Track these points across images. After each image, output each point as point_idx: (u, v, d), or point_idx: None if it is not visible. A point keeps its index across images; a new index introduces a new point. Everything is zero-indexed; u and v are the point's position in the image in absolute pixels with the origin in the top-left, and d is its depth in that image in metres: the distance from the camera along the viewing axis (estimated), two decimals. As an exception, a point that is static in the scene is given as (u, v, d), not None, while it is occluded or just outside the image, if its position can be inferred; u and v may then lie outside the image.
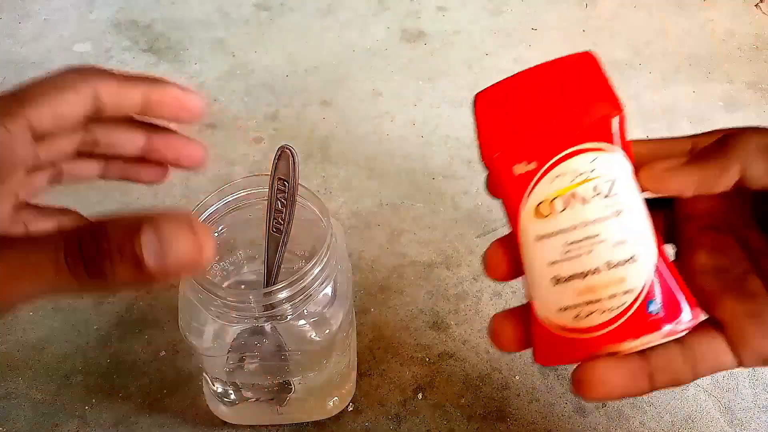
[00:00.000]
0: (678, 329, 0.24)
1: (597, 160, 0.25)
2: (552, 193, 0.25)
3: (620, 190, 0.25)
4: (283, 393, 0.40)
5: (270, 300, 0.33)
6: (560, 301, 0.25)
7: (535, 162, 0.26)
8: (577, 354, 0.25)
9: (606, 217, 0.25)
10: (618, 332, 0.24)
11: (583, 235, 0.25)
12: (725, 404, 0.43)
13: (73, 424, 0.42)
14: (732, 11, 0.71)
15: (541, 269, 0.26)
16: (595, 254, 0.25)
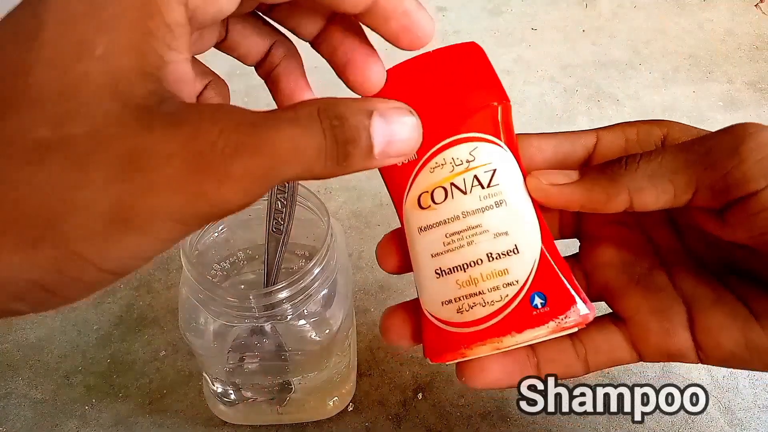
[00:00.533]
0: (566, 325, 0.24)
1: (477, 150, 0.25)
2: (432, 184, 0.25)
3: (502, 180, 0.25)
4: (283, 393, 0.40)
5: (270, 300, 0.33)
6: (443, 294, 0.25)
7: (414, 153, 0.25)
8: (465, 347, 0.24)
9: (486, 207, 0.24)
10: (500, 326, 0.24)
11: (463, 227, 0.25)
12: (725, 404, 0.43)
13: (72, 423, 0.42)
14: (732, 11, 0.71)
15: (424, 262, 0.25)
16: (476, 246, 0.24)
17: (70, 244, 0.17)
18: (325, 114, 0.19)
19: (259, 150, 0.18)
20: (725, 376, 0.44)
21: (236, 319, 0.34)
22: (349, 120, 0.19)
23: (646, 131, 0.26)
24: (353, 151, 0.20)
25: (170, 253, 0.50)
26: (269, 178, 0.18)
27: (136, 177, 0.17)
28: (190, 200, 0.17)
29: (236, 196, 0.18)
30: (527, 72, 0.65)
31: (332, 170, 0.20)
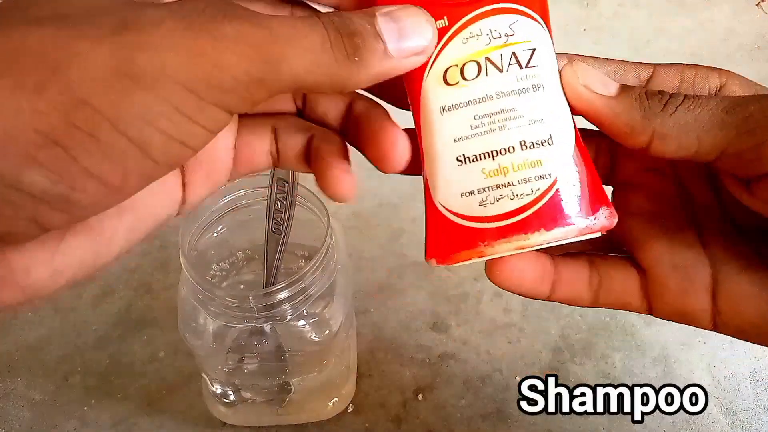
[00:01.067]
0: (594, 227, 0.22)
1: (517, 24, 0.22)
2: (464, 57, 0.22)
3: (540, 62, 0.22)
4: (283, 394, 0.40)
5: (269, 300, 0.32)
6: (464, 185, 0.22)
7: (445, 18, 0.22)
8: (485, 244, 0.22)
9: (523, 89, 0.22)
10: (529, 222, 0.22)
11: (495, 108, 0.22)
12: (726, 405, 0.43)
13: (72, 424, 0.42)
14: (733, 10, 0.71)
15: (444, 146, 0.23)
16: (509, 131, 0.22)
17: (76, 89, 0.16)
18: (324, 16, 0.19)
19: (251, 20, 0.18)
20: (726, 377, 0.44)
21: (235, 319, 0.34)
22: (351, 18, 0.19)
23: (704, 75, 0.24)
24: (363, 45, 0.19)
25: (169, 253, 0.50)
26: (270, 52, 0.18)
27: (130, 34, 0.16)
28: (189, 58, 0.17)
29: (235, 57, 0.17)
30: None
31: (345, 66, 0.19)
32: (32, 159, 0.16)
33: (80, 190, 0.17)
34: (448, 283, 0.49)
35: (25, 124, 0.15)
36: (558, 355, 0.45)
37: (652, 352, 0.45)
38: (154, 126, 0.17)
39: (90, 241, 0.20)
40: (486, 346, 0.45)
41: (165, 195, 0.22)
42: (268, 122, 0.24)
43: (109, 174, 0.17)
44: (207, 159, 0.23)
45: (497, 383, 0.44)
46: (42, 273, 0.19)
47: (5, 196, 0.16)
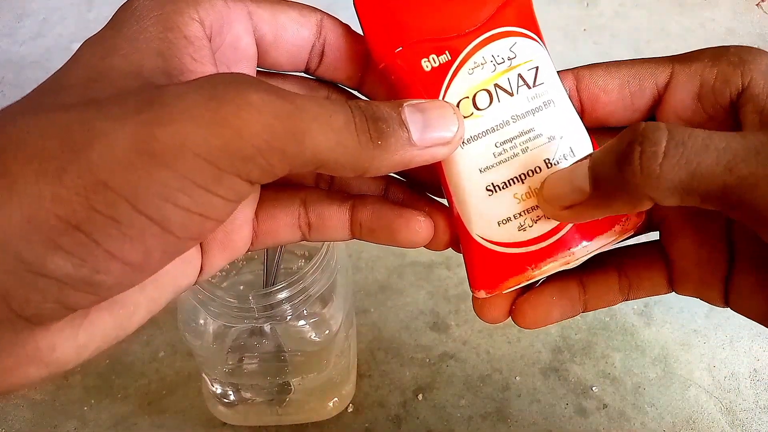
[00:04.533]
0: (627, 227, 0.22)
1: (517, 46, 0.22)
2: (473, 88, 0.22)
3: (545, 78, 0.22)
4: (283, 394, 0.40)
5: (269, 300, 0.33)
6: (499, 213, 0.22)
7: (447, 53, 0.22)
8: (531, 267, 0.22)
9: (536, 109, 0.22)
10: (570, 237, 0.22)
11: (514, 132, 0.22)
12: (726, 405, 0.43)
13: (71, 424, 0.42)
14: (733, 10, 0.71)
15: (471, 179, 0.22)
16: (532, 152, 0.22)
17: (96, 172, 0.16)
18: (353, 103, 0.20)
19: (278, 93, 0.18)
20: (726, 377, 0.44)
21: (235, 319, 0.34)
22: (379, 106, 0.20)
23: (724, 77, 0.22)
24: (387, 130, 0.19)
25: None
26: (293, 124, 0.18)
27: (154, 109, 0.17)
28: (209, 128, 0.17)
29: (258, 125, 0.17)
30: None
31: (368, 150, 0.19)
32: (55, 245, 0.16)
33: (104, 272, 0.17)
34: (448, 283, 0.49)
35: (47, 211, 0.16)
36: (558, 354, 0.45)
37: (652, 352, 0.45)
38: (172, 202, 0.17)
39: (113, 315, 0.20)
40: (486, 346, 0.45)
41: (185, 265, 0.23)
42: (296, 195, 0.24)
43: (131, 254, 0.17)
44: (222, 230, 0.23)
45: (497, 383, 0.44)
46: (67, 349, 0.19)
47: (31, 281, 0.16)
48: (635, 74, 0.24)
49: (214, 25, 0.21)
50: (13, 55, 0.64)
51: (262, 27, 0.22)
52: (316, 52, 0.24)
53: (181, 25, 0.20)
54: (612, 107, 0.24)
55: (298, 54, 0.23)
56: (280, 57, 0.23)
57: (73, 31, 0.66)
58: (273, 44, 0.23)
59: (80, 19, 0.67)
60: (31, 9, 0.69)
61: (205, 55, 0.20)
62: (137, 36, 0.19)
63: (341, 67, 0.24)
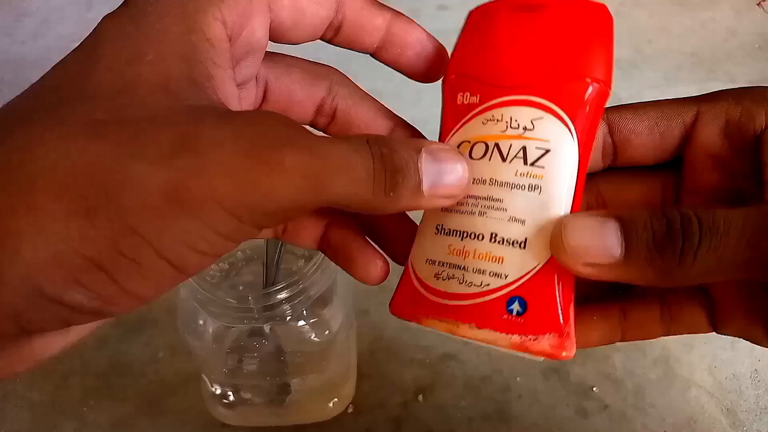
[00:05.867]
0: (532, 347, 0.21)
1: (541, 121, 0.21)
2: (476, 137, 0.22)
3: (550, 166, 0.21)
4: (282, 395, 0.40)
5: (269, 301, 0.32)
6: (431, 252, 0.22)
7: (477, 96, 0.22)
8: (423, 314, 0.22)
9: (518, 185, 0.21)
10: (465, 311, 0.21)
11: (484, 194, 0.22)
12: (727, 406, 0.43)
13: (71, 425, 0.42)
14: (734, 10, 0.71)
15: (432, 211, 0.23)
16: (486, 219, 0.21)
17: (126, 217, 0.16)
18: (374, 142, 0.20)
19: (310, 150, 0.18)
20: (727, 377, 0.44)
21: (235, 320, 0.34)
22: (399, 151, 0.20)
23: (748, 114, 0.23)
24: (401, 182, 0.20)
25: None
26: (319, 182, 0.18)
27: (189, 156, 0.17)
28: (240, 186, 0.17)
29: (286, 188, 0.17)
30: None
31: (380, 199, 0.19)
32: (76, 281, 0.16)
33: (115, 305, 0.17)
34: (448, 283, 0.48)
35: (74, 250, 0.16)
36: (559, 355, 0.45)
37: (653, 353, 0.45)
38: (193, 248, 0.17)
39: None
40: (487, 347, 0.45)
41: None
42: None
43: (144, 291, 0.18)
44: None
45: (498, 384, 0.44)
46: (57, 345, 0.20)
47: (44, 306, 0.17)
48: (663, 115, 0.24)
49: (235, 24, 0.21)
50: (13, 54, 0.64)
51: (281, 14, 0.22)
52: (333, 27, 0.24)
53: (204, 26, 0.20)
54: (643, 149, 0.24)
55: (314, 33, 0.23)
56: (296, 37, 0.23)
57: (72, 31, 0.66)
58: (291, 28, 0.23)
59: (80, 19, 0.67)
60: (30, 9, 0.69)
61: (226, 59, 0.20)
62: (161, 38, 0.19)
63: (357, 40, 0.24)
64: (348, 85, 0.26)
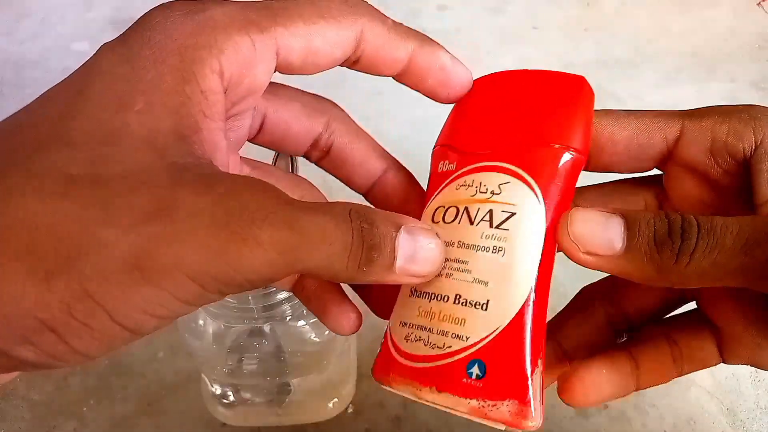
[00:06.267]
0: (491, 414, 0.20)
1: (508, 186, 0.22)
2: (450, 201, 0.23)
3: (514, 229, 0.21)
4: (282, 394, 0.39)
5: (269, 300, 0.32)
6: (404, 314, 0.23)
7: (454, 164, 0.23)
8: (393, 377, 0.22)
9: (482, 247, 0.21)
10: (426, 374, 0.21)
11: (452, 256, 0.22)
12: (727, 406, 0.43)
13: (71, 425, 0.42)
14: (734, 10, 0.71)
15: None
16: (452, 281, 0.22)
17: (85, 282, 0.16)
18: (356, 215, 0.19)
19: (290, 225, 0.18)
20: (727, 377, 0.44)
21: (235, 320, 0.34)
22: (379, 227, 0.20)
23: (736, 134, 0.22)
24: (376, 259, 0.19)
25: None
26: (294, 256, 0.18)
27: (161, 224, 0.16)
28: (210, 258, 0.17)
29: (258, 263, 0.17)
30: (528, 71, 0.64)
31: (352, 273, 0.19)
32: (26, 340, 0.16)
33: (63, 361, 0.17)
34: (448, 283, 0.48)
35: (27, 311, 0.16)
36: (559, 355, 0.45)
37: (653, 353, 0.45)
38: (151, 314, 0.17)
39: None
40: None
41: None
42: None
43: (94, 351, 0.17)
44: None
45: (498, 384, 0.44)
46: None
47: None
48: (645, 128, 0.24)
49: (233, 75, 0.20)
50: (12, 54, 0.64)
51: (290, 58, 0.21)
52: (350, 61, 0.23)
53: (200, 78, 0.19)
54: (617, 157, 0.24)
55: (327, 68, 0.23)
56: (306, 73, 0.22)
57: (72, 31, 0.66)
58: (301, 68, 0.22)
59: (80, 19, 0.67)
60: (30, 9, 0.69)
61: (218, 111, 0.20)
62: (153, 87, 0.19)
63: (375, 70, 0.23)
64: (346, 122, 0.25)
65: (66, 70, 0.19)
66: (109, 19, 0.66)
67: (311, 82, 0.26)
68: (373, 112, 0.59)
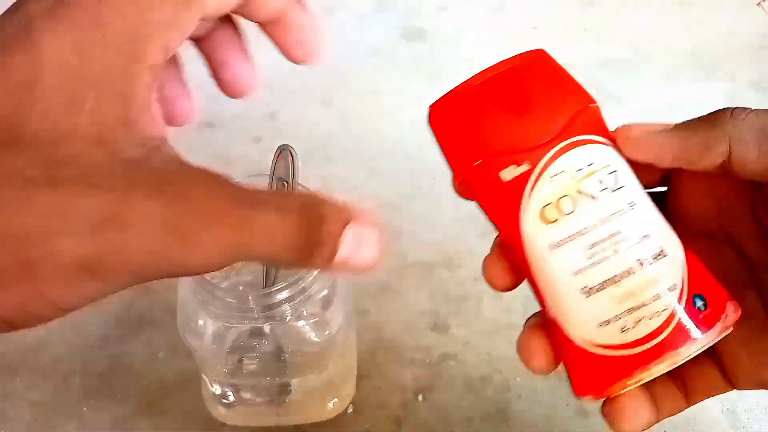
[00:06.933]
0: (727, 324, 0.22)
1: (593, 153, 0.23)
2: (555, 194, 0.23)
3: (624, 181, 0.23)
4: (282, 395, 0.39)
5: (269, 300, 0.32)
6: (598, 315, 0.22)
7: (527, 163, 0.23)
8: (633, 373, 0.22)
9: (620, 211, 0.23)
10: (674, 337, 0.22)
11: (603, 235, 0.22)
12: (728, 406, 0.43)
13: (71, 425, 0.42)
14: (734, 10, 0.71)
15: (564, 281, 0.23)
16: (623, 254, 0.22)
17: (40, 286, 0.18)
18: (307, 211, 0.20)
19: (238, 227, 0.19)
20: (728, 377, 0.44)
21: (235, 320, 0.34)
22: (327, 224, 0.20)
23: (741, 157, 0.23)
24: (318, 253, 0.20)
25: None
26: (236, 255, 0.19)
27: (113, 232, 0.18)
28: (158, 260, 0.18)
29: (198, 263, 0.19)
30: (528, 71, 0.64)
31: (295, 263, 0.20)
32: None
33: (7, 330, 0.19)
34: (448, 283, 0.48)
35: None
36: (559, 355, 0.45)
37: (654, 353, 0.45)
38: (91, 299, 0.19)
39: None
40: (486, 347, 0.45)
41: None
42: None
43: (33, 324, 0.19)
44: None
45: (498, 384, 0.44)
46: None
47: None
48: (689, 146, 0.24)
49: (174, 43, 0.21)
50: (13, 54, 0.64)
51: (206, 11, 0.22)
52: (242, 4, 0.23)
53: (149, 54, 0.20)
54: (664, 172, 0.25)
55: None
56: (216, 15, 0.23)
57: (72, 31, 0.66)
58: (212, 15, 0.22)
59: (80, 19, 0.67)
60: (30, 9, 0.69)
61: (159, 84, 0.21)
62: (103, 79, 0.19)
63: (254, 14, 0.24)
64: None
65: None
66: (109, 20, 0.66)
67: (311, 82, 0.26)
68: (373, 112, 0.59)
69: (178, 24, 0.20)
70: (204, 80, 0.25)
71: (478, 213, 0.26)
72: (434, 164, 0.60)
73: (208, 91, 0.26)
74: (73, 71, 0.19)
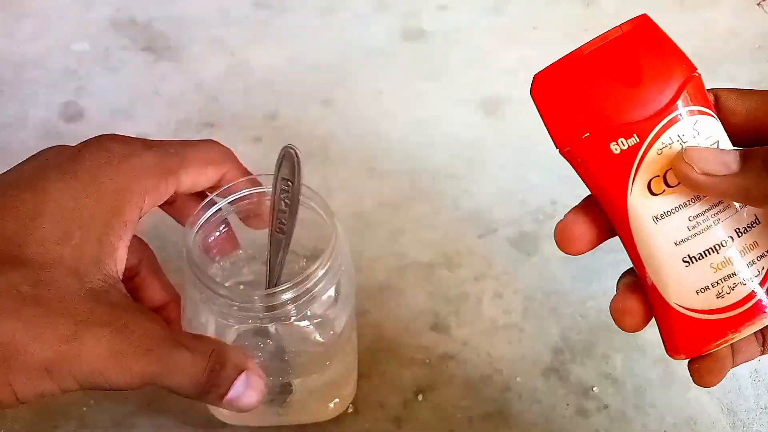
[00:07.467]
0: None
1: (698, 124, 0.24)
2: (663, 167, 0.24)
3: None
4: (284, 394, 0.39)
5: (274, 301, 0.32)
6: (697, 283, 0.24)
7: (635, 136, 0.24)
8: (726, 335, 0.24)
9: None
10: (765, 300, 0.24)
11: (705, 206, 0.24)
12: (727, 406, 0.43)
13: (71, 425, 0.42)
14: (734, 10, 0.71)
15: (666, 252, 0.24)
16: (723, 224, 0.24)
17: (10, 377, 0.24)
18: (215, 357, 0.27)
19: (159, 360, 0.26)
20: (727, 377, 0.44)
21: (238, 319, 0.34)
22: (226, 370, 0.27)
23: None
24: (214, 392, 0.27)
25: (168, 253, 0.49)
26: (153, 381, 0.26)
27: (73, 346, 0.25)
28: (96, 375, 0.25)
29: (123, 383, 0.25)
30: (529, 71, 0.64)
31: (194, 396, 0.27)
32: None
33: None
34: (448, 283, 0.48)
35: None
36: (559, 355, 0.45)
37: (653, 353, 0.45)
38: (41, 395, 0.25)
39: None
40: (486, 347, 0.45)
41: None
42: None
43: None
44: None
45: (498, 384, 0.44)
46: None
47: None
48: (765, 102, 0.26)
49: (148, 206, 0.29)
50: (12, 54, 0.64)
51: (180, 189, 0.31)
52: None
53: (127, 213, 0.27)
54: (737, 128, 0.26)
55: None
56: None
57: (72, 31, 0.66)
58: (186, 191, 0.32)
59: (79, 19, 0.67)
60: (30, 8, 0.69)
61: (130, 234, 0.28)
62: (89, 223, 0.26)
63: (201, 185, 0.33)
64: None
65: (66, 70, 0.20)
66: (109, 19, 0.66)
67: (311, 82, 0.26)
68: (373, 112, 0.59)
69: (156, 193, 0.29)
70: (204, 80, 0.25)
71: (478, 213, 0.26)
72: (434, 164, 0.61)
73: (208, 91, 0.26)
74: (68, 213, 0.26)
